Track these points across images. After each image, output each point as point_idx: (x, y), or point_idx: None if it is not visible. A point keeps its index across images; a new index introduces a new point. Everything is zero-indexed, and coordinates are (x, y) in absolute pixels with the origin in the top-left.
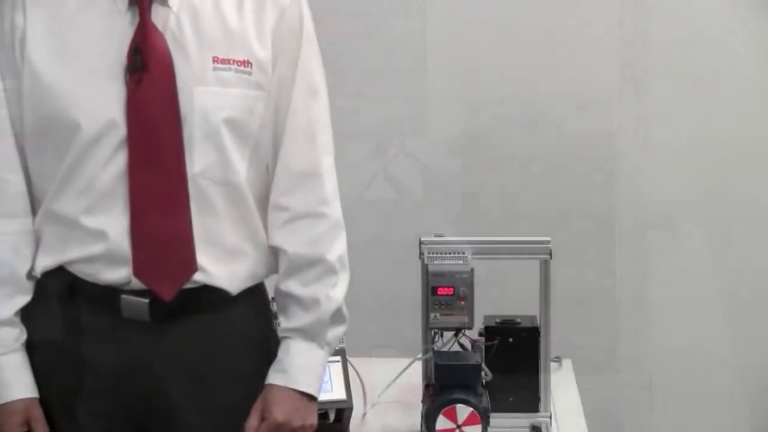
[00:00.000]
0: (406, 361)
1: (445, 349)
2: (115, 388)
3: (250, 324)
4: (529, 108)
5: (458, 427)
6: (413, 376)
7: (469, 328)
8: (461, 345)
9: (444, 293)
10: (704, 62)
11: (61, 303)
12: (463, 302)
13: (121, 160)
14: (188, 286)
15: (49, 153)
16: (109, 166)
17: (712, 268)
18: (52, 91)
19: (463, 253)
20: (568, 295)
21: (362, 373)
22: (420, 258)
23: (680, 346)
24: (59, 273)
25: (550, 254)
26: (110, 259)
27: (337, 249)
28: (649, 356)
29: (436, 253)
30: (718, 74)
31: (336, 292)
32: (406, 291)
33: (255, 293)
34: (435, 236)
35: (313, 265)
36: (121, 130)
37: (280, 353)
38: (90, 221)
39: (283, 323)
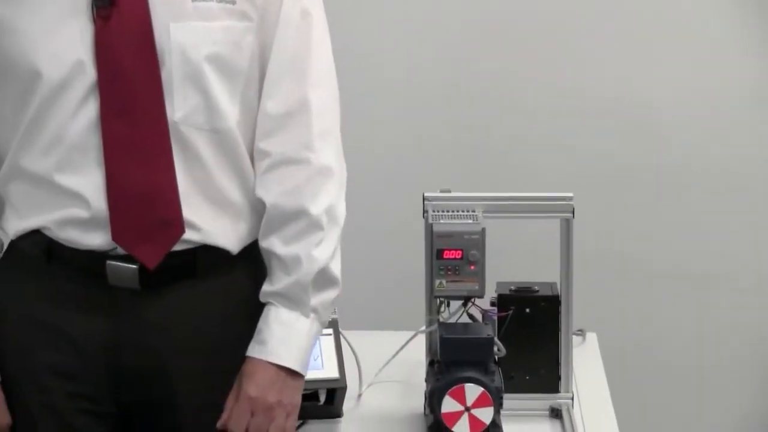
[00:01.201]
0: (407, 335)
1: (453, 320)
2: (101, 366)
3: (252, 287)
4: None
5: (467, 409)
6: (416, 351)
7: (480, 297)
8: (471, 316)
9: (451, 257)
10: None
11: (36, 269)
12: (472, 267)
13: (91, 109)
14: (182, 247)
15: (7, 102)
16: (78, 116)
17: (757, 234)
18: (6, 31)
19: (473, 211)
20: (593, 259)
21: (357, 348)
22: (423, 217)
23: (720, 319)
24: (33, 236)
25: (573, 212)
26: (88, 222)
27: (322, 200)
28: (685, 330)
29: (442, 211)
30: None
31: (321, 250)
32: (408, 254)
33: (255, 253)
34: (441, 192)
35: (294, 218)
36: (89, 75)
37: (260, 322)
38: (63, 179)
39: (264, 287)
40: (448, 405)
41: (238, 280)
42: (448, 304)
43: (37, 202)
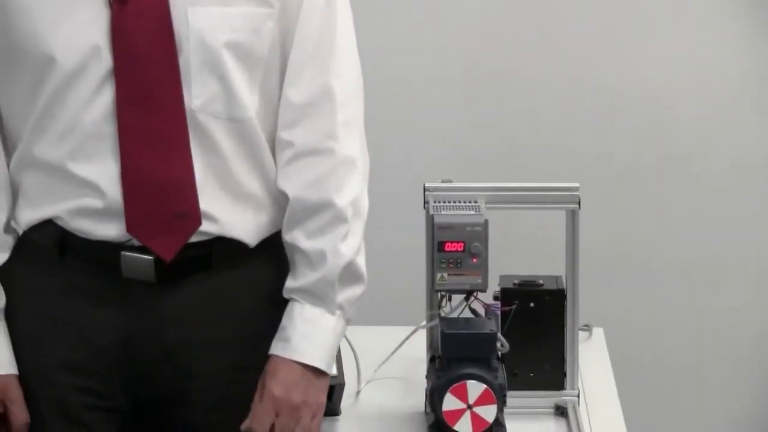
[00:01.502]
0: (407, 330)
1: (454, 315)
2: (113, 361)
3: (272, 281)
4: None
5: (469, 407)
6: (416, 347)
7: (483, 291)
8: (473, 310)
9: (453, 249)
10: None
11: (47, 261)
12: (475, 260)
13: (107, 96)
14: (199, 239)
15: (20, 90)
16: (93, 103)
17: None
18: (17, 14)
19: (476, 202)
20: (600, 252)
21: (356, 344)
22: (424, 207)
23: (734, 315)
24: (45, 227)
25: (579, 203)
26: (103, 212)
27: (347, 192)
28: (695, 325)
29: (444, 202)
30: None
31: (347, 244)
32: (408, 247)
33: (276, 245)
34: (442, 182)
35: (318, 211)
36: (105, 61)
37: (284, 319)
38: (76, 168)
39: (288, 283)
40: (450, 403)
41: (257, 274)
42: (450, 299)
43: (50, 191)
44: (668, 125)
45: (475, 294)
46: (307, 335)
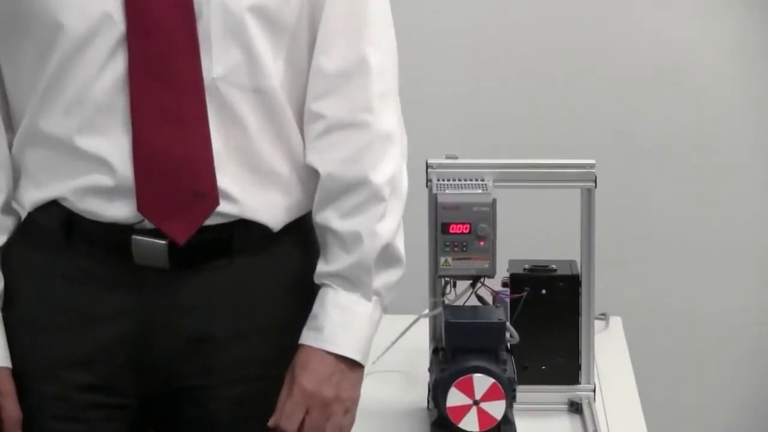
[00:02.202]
0: (408, 319)
1: (459, 303)
2: (122, 353)
3: (299, 267)
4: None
5: (475, 402)
6: (418, 338)
7: (490, 277)
8: (480, 298)
9: (458, 231)
10: None
11: (52, 245)
12: (482, 243)
13: (118, 66)
14: (218, 221)
15: (25, 59)
16: (104, 73)
17: None
18: None
19: (483, 180)
20: (618, 235)
21: None
22: (427, 186)
23: (758, 301)
24: (51, 208)
25: (595, 181)
26: (113, 190)
27: (384, 168)
28: (722, 312)
29: (448, 180)
30: None
31: (384, 225)
32: (409, 229)
33: (301, 229)
34: (446, 158)
35: (353, 189)
36: (117, 27)
37: (315, 306)
38: (84, 143)
39: (319, 266)
40: (455, 398)
41: (283, 258)
42: (455, 285)
43: (57, 169)
44: (692, 96)
45: (482, 280)
46: (341, 323)
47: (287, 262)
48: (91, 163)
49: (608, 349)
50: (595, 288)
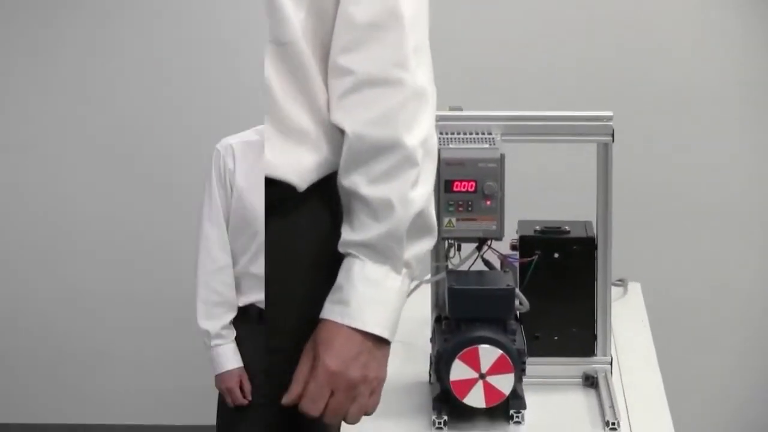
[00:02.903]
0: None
1: (464, 267)
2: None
3: (324, 233)
4: None
5: (482, 376)
6: (419, 305)
7: (499, 239)
8: (486, 262)
9: (462, 189)
10: None
11: None
12: (489, 202)
13: None
14: None
15: None
16: None
17: None
18: None
19: (490, 134)
20: (637, 194)
21: None
22: None
23: None
24: None
25: (613, 135)
26: None
27: (418, 130)
28: (747, 277)
29: (452, 134)
30: None
31: (417, 191)
32: None
33: (325, 190)
34: (450, 110)
35: (384, 152)
36: None
37: (340, 277)
38: None
39: (345, 234)
40: (459, 371)
41: (306, 223)
42: (459, 248)
43: None
44: (718, 44)
45: (488, 243)
46: (368, 298)
47: (314, 225)
48: None
49: (626, 318)
50: (612, 251)
